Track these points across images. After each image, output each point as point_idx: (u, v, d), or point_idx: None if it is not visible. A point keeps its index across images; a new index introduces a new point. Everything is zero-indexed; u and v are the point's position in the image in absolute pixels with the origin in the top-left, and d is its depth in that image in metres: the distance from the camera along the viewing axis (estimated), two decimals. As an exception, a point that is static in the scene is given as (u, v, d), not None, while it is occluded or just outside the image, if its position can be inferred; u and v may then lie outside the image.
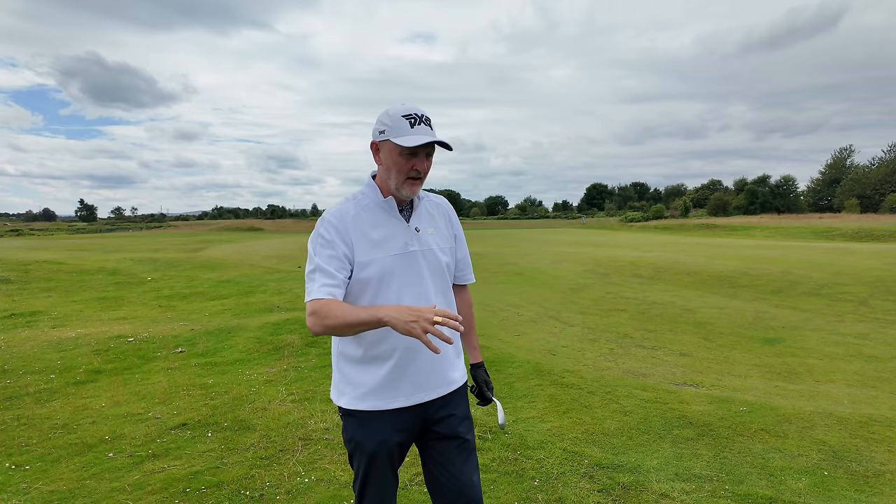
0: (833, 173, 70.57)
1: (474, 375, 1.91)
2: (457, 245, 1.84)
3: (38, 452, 3.37)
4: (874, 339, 7.11)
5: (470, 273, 1.92)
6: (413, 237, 1.69)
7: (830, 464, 3.13)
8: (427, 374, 1.69)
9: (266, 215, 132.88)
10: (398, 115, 1.60)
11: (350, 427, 1.71)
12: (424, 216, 1.75)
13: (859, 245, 21.04)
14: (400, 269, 1.64)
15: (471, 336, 1.94)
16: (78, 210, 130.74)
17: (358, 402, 1.67)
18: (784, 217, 47.66)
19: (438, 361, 1.71)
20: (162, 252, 22.43)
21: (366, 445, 1.66)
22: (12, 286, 12.04)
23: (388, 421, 1.67)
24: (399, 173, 1.63)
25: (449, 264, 1.78)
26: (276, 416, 3.89)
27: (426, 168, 1.65)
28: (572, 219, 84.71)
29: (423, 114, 1.61)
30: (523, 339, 6.93)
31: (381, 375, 1.65)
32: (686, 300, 9.85)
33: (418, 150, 1.61)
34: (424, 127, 1.60)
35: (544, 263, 15.61)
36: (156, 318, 8.36)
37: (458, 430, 1.74)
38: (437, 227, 1.77)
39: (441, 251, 1.74)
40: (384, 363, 1.65)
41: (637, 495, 2.76)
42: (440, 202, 1.84)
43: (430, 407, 1.71)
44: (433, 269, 1.71)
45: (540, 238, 30.56)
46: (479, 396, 1.88)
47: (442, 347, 1.72)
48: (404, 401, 1.67)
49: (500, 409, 1.86)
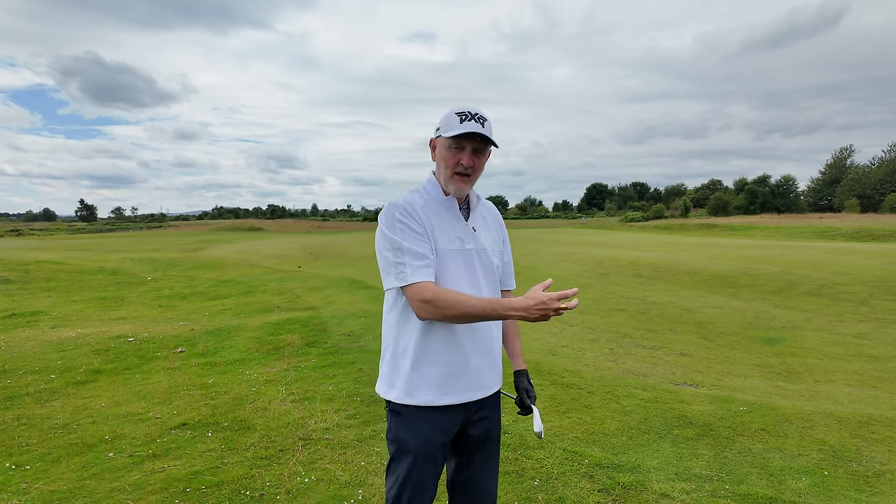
0: (833, 173, 70.56)
1: (516, 383, 1.88)
2: (504, 248, 1.88)
3: (38, 452, 3.37)
4: (874, 338, 7.11)
5: (512, 279, 1.93)
6: (470, 236, 1.73)
7: (830, 463, 3.13)
8: (478, 376, 1.71)
9: (266, 215, 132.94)
10: (453, 113, 1.65)
11: (395, 425, 1.70)
12: (479, 218, 1.81)
13: (859, 245, 21.03)
14: (454, 265, 1.67)
15: (514, 343, 1.93)
16: (78, 210, 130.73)
17: (407, 397, 1.66)
18: (784, 217, 47.65)
19: (488, 364, 1.74)
20: (162, 252, 22.42)
21: (411, 445, 1.66)
22: (12, 286, 12.04)
23: (433, 419, 1.67)
24: (447, 167, 1.68)
25: (499, 266, 1.81)
26: (277, 415, 3.89)
27: (472, 163, 1.67)
28: (572, 219, 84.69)
29: (477, 112, 1.64)
30: (523, 338, 6.92)
31: (437, 372, 1.66)
32: (686, 300, 9.85)
33: (464, 145, 1.65)
34: (475, 123, 1.62)
35: (544, 263, 15.61)
36: (156, 318, 8.36)
37: (489, 435, 1.77)
38: (489, 229, 1.82)
39: (493, 253, 1.78)
40: (439, 359, 1.65)
41: (637, 495, 2.76)
42: (492, 208, 1.91)
43: (471, 408, 1.72)
44: (486, 269, 1.74)
45: (540, 238, 30.55)
46: (520, 405, 1.85)
47: (491, 350, 1.76)
48: (455, 398, 1.67)
49: (538, 417, 1.81)
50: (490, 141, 1.66)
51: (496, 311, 1.48)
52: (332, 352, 5.70)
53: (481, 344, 1.71)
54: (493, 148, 1.72)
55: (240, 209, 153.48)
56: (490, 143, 1.67)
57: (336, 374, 4.89)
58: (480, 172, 1.73)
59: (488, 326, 1.74)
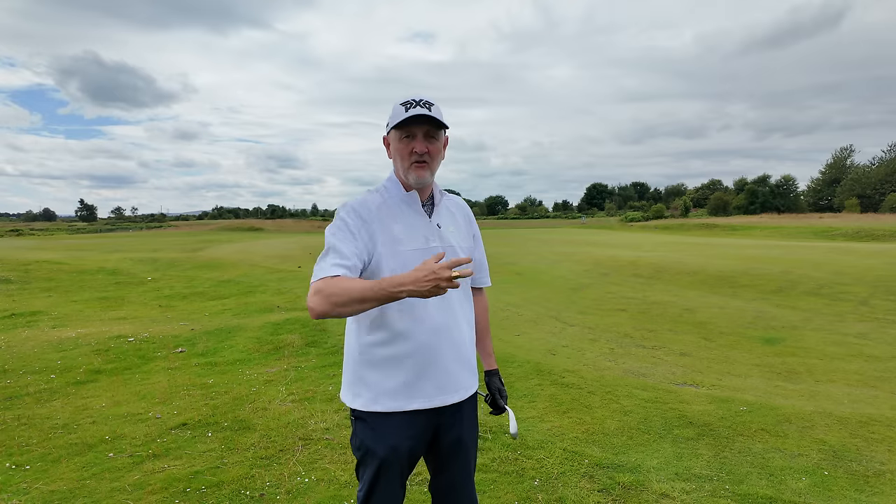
0: (833, 173, 70.55)
1: (488, 383, 1.85)
2: (475, 245, 1.83)
3: (38, 452, 3.37)
4: (874, 338, 7.11)
5: (486, 276, 1.89)
6: (435, 233, 1.67)
7: (830, 463, 3.13)
8: (448, 377, 1.64)
9: (266, 215, 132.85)
10: (398, 104, 1.61)
11: (361, 432, 1.63)
12: (445, 214, 1.74)
13: (859, 245, 21.03)
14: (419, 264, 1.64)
15: (486, 342, 1.88)
16: (78, 210, 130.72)
17: (374, 404, 1.60)
18: (784, 217, 47.67)
19: (459, 364, 1.67)
20: (162, 252, 22.42)
21: (377, 451, 1.59)
22: (12, 286, 12.04)
23: (401, 426, 1.60)
24: (402, 159, 1.63)
25: None
26: (277, 415, 3.89)
27: (427, 149, 1.61)
28: (572, 219, 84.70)
29: (421, 98, 1.60)
30: (523, 338, 6.93)
31: (402, 376, 1.59)
32: (686, 300, 9.85)
33: (415, 132, 1.60)
34: (421, 108, 1.57)
35: (544, 263, 15.61)
36: (156, 318, 8.36)
37: (464, 439, 1.71)
38: (457, 225, 1.76)
39: (461, 249, 1.72)
40: (405, 363, 1.59)
41: (637, 495, 2.76)
42: (460, 203, 1.85)
43: (444, 412, 1.66)
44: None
45: (540, 238, 30.56)
46: (493, 405, 1.82)
47: (462, 350, 1.68)
48: (425, 402, 1.60)
49: (513, 419, 1.79)
50: (440, 123, 1.60)
51: (384, 290, 1.34)
52: (332, 352, 5.70)
53: (451, 344, 1.64)
54: (447, 134, 1.68)
55: (240, 209, 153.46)
56: (441, 126, 1.62)
57: (336, 374, 4.88)
58: (439, 159, 1.67)
59: (458, 325, 1.67)
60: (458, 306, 1.69)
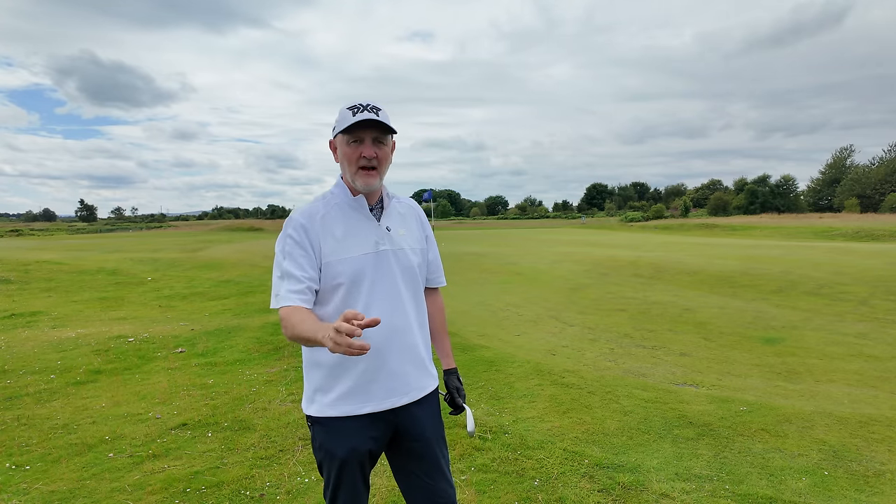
0: (833, 173, 70.58)
1: (446, 382, 1.86)
2: (428, 246, 1.83)
3: (38, 452, 3.37)
4: (874, 338, 7.11)
5: (441, 276, 1.89)
6: (384, 236, 1.67)
7: (830, 463, 3.13)
8: (399, 379, 1.66)
9: (266, 215, 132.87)
10: (345, 108, 1.61)
11: (319, 436, 1.66)
12: (395, 216, 1.74)
13: (859, 245, 21.04)
14: (371, 269, 1.62)
15: (443, 341, 1.89)
16: (78, 210, 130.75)
17: (328, 409, 1.63)
18: (784, 217, 47.67)
19: (411, 366, 1.68)
20: (162, 252, 22.42)
21: (336, 453, 1.62)
22: (12, 286, 12.04)
23: (358, 428, 1.63)
24: (350, 164, 1.62)
25: (420, 265, 1.75)
26: (277, 416, 3.89)
27: (374, 154, 1.61)
28: (572, 219, 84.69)
29: (369, 103, 1.60)
30: (523, 338, 6.93)
31: (352, 381, 1.61)
32: (686, 300, 9.84)
33: (362, 136, 1.60)
34: (368, 113, 1.56)
35: (544, 263, 15.60)
36: (156, 319, 8.36)
37: (426, 437, 1.72)
38: (408, 227, 1.75)
39: (412, 252, 1.72)
40: (354, 368, 1.61)
41: (637, 495, 2.76)
42: (411, 204, 1.84)
43: (401, 413, 1.68)
44: (404, 270, 1.68)
45: (540, 238, 30.56)
46: (451, 404, 1.84)
47: (415, 352, 1.70)
48: (376, 405, 1.63)
49: (470, 417, 1.81)
50: (388, 128, 1.60)
51: (315, 338, 1.33)
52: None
53: (401, 346, 1.66)
54: (394, 139, 1.68)
55: (239, 209, 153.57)
56: (388, 131, 1.62)
57: (336, 374, 4.88)
58: (387, 164, 1.67)
59: (409, 327, 1.68)
60: (410, 308, 1.70)
